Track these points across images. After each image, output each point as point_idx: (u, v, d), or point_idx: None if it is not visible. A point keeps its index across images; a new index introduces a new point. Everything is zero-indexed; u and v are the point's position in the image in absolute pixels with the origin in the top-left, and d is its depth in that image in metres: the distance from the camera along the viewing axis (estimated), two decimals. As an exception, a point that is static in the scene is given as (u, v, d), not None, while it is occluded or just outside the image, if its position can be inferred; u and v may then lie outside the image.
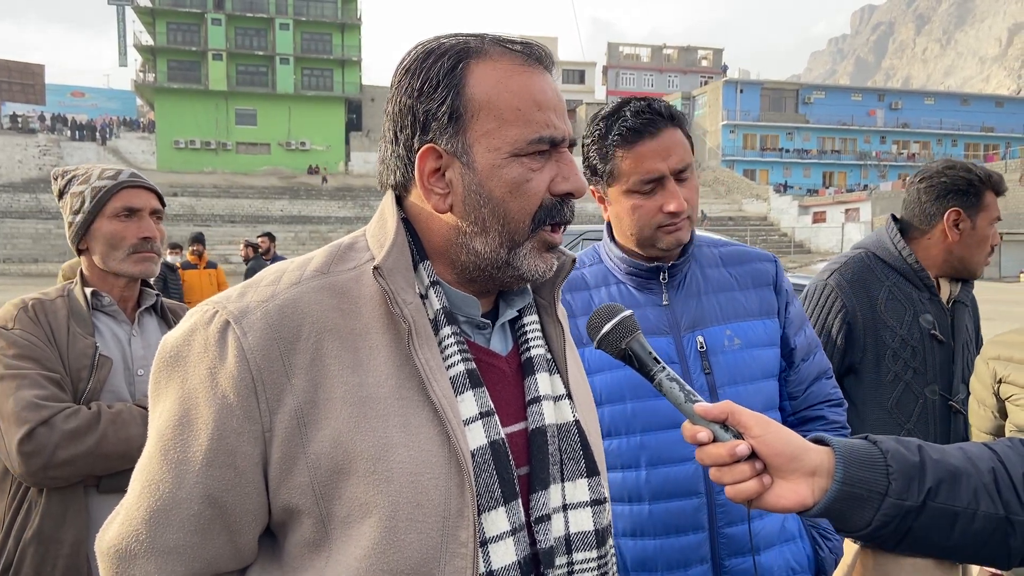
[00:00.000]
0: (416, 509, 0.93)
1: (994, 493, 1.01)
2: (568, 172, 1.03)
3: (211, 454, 0.93)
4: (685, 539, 1.65)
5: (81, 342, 1.93)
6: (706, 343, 1.70)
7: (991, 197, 2.36)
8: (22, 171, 47.01)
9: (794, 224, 45.86)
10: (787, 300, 1.82)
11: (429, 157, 1.02)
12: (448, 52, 1.01)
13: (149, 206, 2.08)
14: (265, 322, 0.95)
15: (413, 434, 0.95)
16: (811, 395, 1.82)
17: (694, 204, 1.71)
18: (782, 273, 1.86)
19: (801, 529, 1.77)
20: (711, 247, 1.86)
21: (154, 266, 2.08)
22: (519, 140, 1.00)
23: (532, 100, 1.01)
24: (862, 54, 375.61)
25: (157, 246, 2.08)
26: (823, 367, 1.85)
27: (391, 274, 0.98)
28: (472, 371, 1.01)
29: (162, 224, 2.14)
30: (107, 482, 1.88)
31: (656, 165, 1.65)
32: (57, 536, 1.83)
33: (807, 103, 62.14)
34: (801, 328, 1.83)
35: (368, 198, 47.51)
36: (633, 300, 1.76)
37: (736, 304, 1.76)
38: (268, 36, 57.23)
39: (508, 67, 1.01)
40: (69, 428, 1.77)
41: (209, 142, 55.27)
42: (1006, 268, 37.67)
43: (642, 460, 1.67)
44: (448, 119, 1.00)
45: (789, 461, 1.00)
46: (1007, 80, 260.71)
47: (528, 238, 1.02)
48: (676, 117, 1.69)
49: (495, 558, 0.96)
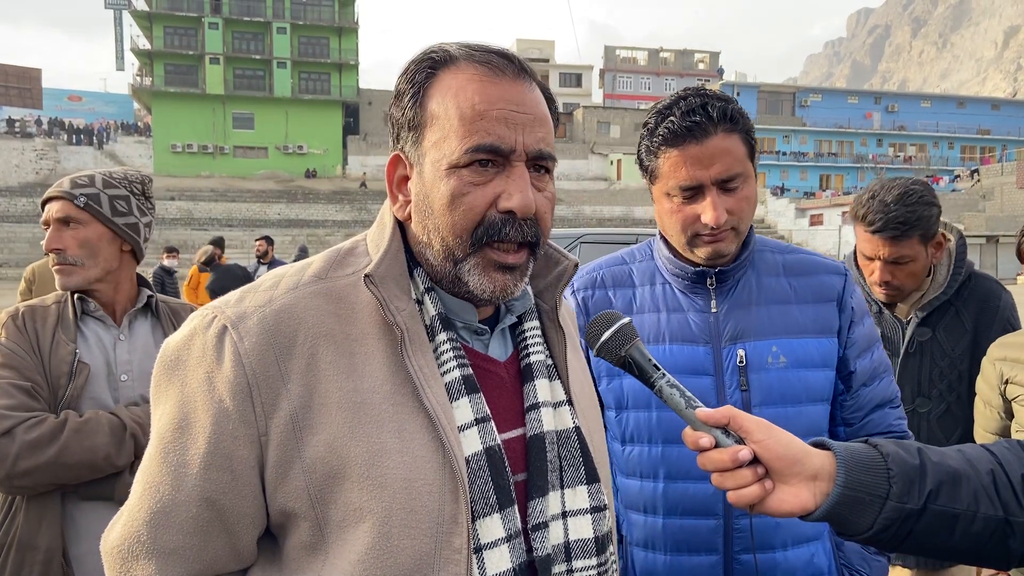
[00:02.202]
0: (410, 515, 0.93)
1: (993, 495, 1.01)
2: (514, 188, 0.97)
3: (208, 457, 0.94)
4: (697, 559, 1.57)
5: (63, 349, 1.92)
6: (747, 357, 1.58)
7: (859, 230, 2.27)
8: (19, 175, 46.96)
9: (791, 227, 45.92)
10: (852, 319, 1.67)
11: (397, 164, 1.04)
12: (423, 61, 1.02)
13: (52, 216, 1.98)
14: (261, 327, 0.95)
15: (407, 440, 0.94)
16: (869, 424, 1.67)
17: (743, 215, 1.56)
18: (852, 288, 1.69)
19: (832, 566, 1.63)
20: (776, 253, 1.71)
21: (66, 277, 1.98)
22: (456, 150, 0.97)
23: (473, 109, 0.97)
24: (858, 57, 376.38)
25: (66, 256, 1.97)
26: (888, 396, 1.69)
27: (383, 281, 0.98)
28: (468, 377, 1.00)
29: (84, 229, 1.98)
30: (86, 489, 1.88)
31: (696, 173, 1.52)
32: (33, 543, 1.84)
33: (804, 106, 62.30)
34: (868, 351, 1.68)
35: (365, 201, 47.50)
36: (676, 303, 1.66)
37: (789, 318, 1.62)
38: (265, 40, 57.21)
39: (468, 76, 0.99)
40: (30, 439, 1.77)
41: (206, 146, 55.18)
42: (1003, 270, 37.72)
43: (661, 472, 1.59)
44: (409, 127, 1.01)
45: (791, 465, 1.00)
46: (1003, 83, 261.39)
47: (469, 255, 0.99)
48: (732, 119, 1.53)
49: (490, 565, 0.95)
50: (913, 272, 2.25)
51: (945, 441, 2.31)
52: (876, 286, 2.31)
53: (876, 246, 2.22)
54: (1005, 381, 2.06)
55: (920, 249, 2.23)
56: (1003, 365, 2.07)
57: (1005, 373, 2.06)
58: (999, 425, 2.13)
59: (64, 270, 1.98)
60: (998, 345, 2.13)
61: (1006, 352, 2.08)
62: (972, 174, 54.21)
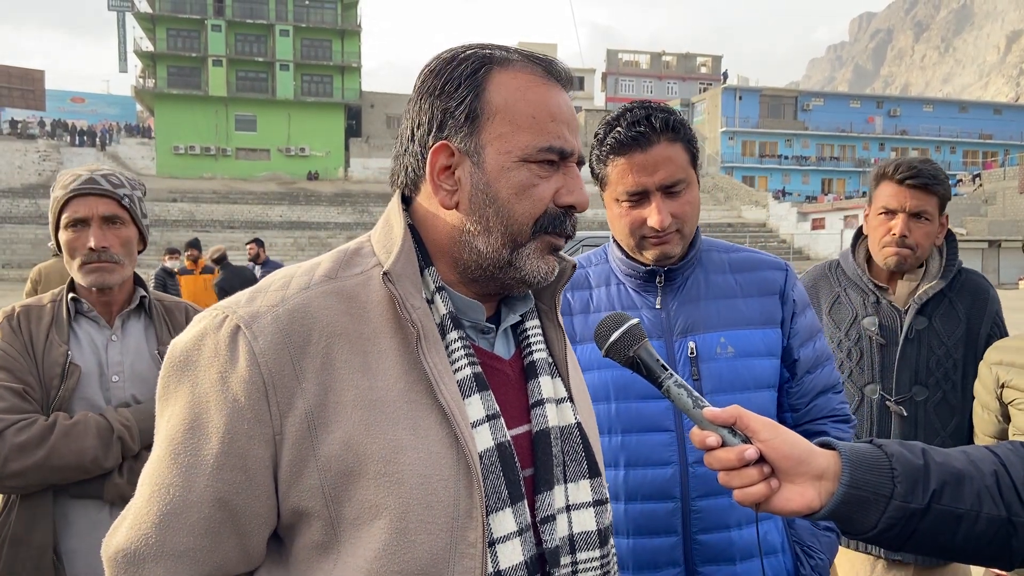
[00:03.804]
0: (426, 510, 0.94)
1: (996, 495, 1.02)
2: (573, 185, 1.06)
3: (222, 457, 0.94)
4: (658, 541, 1.66)
5: (55, 350, 1.94)
6: (697, 349, 1.70)
7: (884, 187, 2.38)
8: (22, 177, 47.05)
9: (793, 231, 45.93)
10: (794, 310, 1.79)
11: (442, 153, 1.04)
12: (473, 57, 1.05)
13: (97, 214, 1.99)
14: (276, 326, 0.96)
15: (422, 436, 0.96)
16: (814, 409, 1.79)
17: (687, 218, 1.68)
18: (792, 282, 1.82)
19: (784, 543, 1.74)
20: (722, 252, 1.84)
21: (108, 275, 1.99)
22: (530, 146, 1.03)
23: (547, 111, 1.04)
24: (861, 61, 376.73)
25: (110, 255, 1.99)
26: (831, 382, 1.82)
27: (399, 279, 1.00)
28: (478, 375, 1.02)
29: (125, 228, 2.03)
30: (76, 488, 1.92)
31: (641, 179, 1.64)
32: (25, 539, 1.88)
33: (806, 110, 62.36)
34: (810, 340, 1.80)
35: (367, 204, 47.56)
36: (630, 301, 1.77)
37: (735, 312, 1.74)
38: (268, 42, 57.33)
39: (528, 78, 1.05)
40: (18, 441, 1.81)
41: (209, 148, 55.28)
42: (1005, 275, 37.72)
43: (621, 460, 1.69)
44: (465, 118, 1.03)
45: (796, 465, 1.01)
46: (1005, 87, 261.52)
47: (530, 240, 1.05)
48: (674, 129, 1.65)
49: (503, 558, 0.97)
50: (928, 233, 2.36)
51: (941, 429, 2.35)
52: (891, 247, 2.36)
53: (903, 198, 2.34)
54: (1001, 385, 2.08)
55: (935, 213, 2.36)
56: (999, 369, 2.09)
57: (1001, 377, 2.08)
58: (997, 429, 2.15)
59: (107, 267, 2.00)
60: (995, 349, 2.15)
61: (1002, 356, 2.10)
62: (974, 179, 54.20)
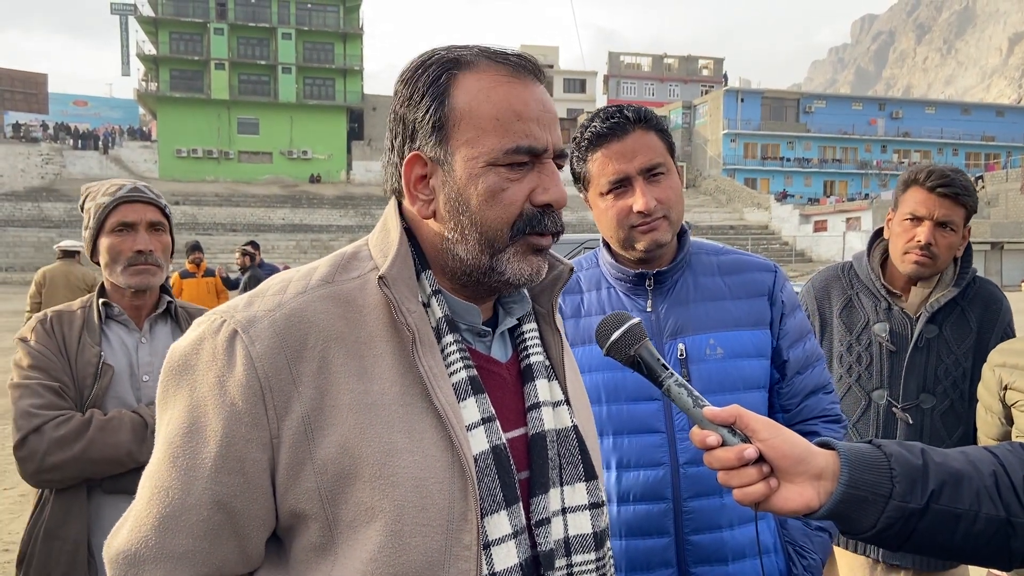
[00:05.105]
0: (421, 513, 0.94)
1: (995, 496, 1.02)
2: (549, 183, 1.04)
3: (220, 460, 0.95)
4: (651, 542, 1.66)
5: (88, 351, 2.06)
6: (687, 351, 1.70)
7: (912, 193, 2.38)
8: (25, 180, 47.16)
9: (795, 233, 45.94)
10: (783, 312, 1.79)
11: (415, 164, 1.04)
12: (437, 63, 1.04)
13: (145, 219, 2.15)
14: (272, 331, 0.96)
15: (417, 439, 0.96)
16: (805, 409, 1.79)
17: (670, 203, 1.69)
18: (781, 283, 1.82)
19: (777, 543, 1.74)
20: (711, 255, 1.85)
21: (152, 277, 2.14)
22: (495, 149, 1.01)
23: (511, 111, 1.01)
24: (863, 63, 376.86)
25: (155, 258, 2.14)
26: (821, 382, 1.82)
27: (395, 283, 1.00)
28: (474, 378, 1.03)
29: (165, 235, 2.20)
30: (110, 483, 1.99)
31: (621, 166, 1.67)
32: (60, 533, 1.96)
33: (808, 112, 62.32)
34: (799, 341, 1.80)
35: (369, 206, 47.62)
36: (620, 305, 1.77)
37: (724, 313, 1.74)
38: (270, 45, 57.49)
39: (493, 78, 1.03)
40: (57, 436, 1.91)
41: (211, 151, 55.44)
42: (1007, 277, 37.69)
43: (612, 461, 1.69)
44: (432, 127, 1.02)
45: (795, 464, 1.01)
46: (1008, 89, 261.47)
47: (509, 245, 1.03)
48: (647, 119, 1.70)
49: (498, 561, 0.98)
50: (950, 244, 2.36)
51: (947, 438, 2.35)
52: (914, 252, 2.36)
53: (932, 206, 2.34)
54: (1004, 387, 2.09)
55: (960, 224, 2.35)
56: (1002, 371, 2.10)
57: (1004, 379, 2.08)
58: (1000, 431, 2.15)
59: (150, 270, 2.14)
60: (998, 351, 2.15)
61: (1005, 358, 2.10)
62: (977, 181, 54.19)
